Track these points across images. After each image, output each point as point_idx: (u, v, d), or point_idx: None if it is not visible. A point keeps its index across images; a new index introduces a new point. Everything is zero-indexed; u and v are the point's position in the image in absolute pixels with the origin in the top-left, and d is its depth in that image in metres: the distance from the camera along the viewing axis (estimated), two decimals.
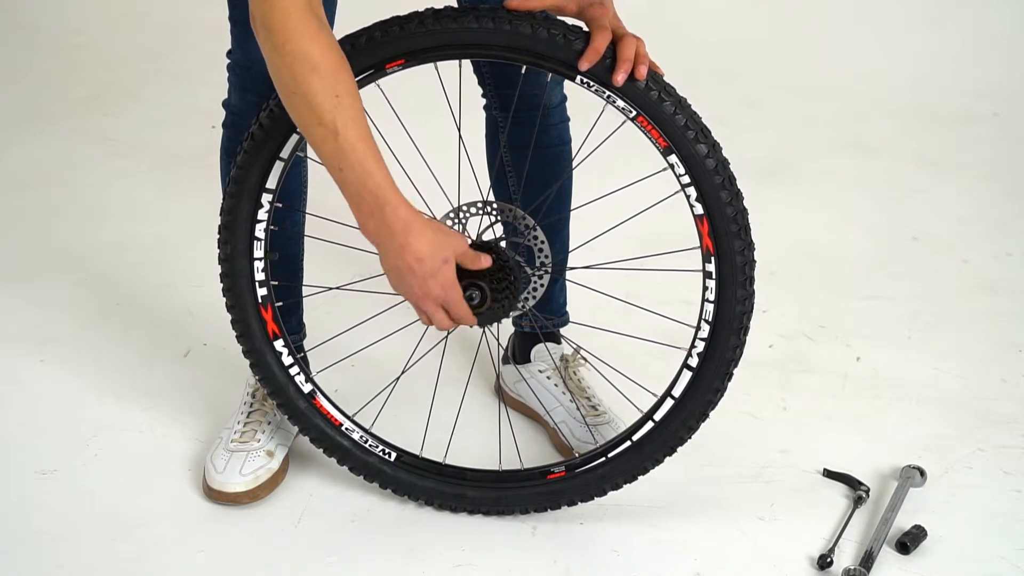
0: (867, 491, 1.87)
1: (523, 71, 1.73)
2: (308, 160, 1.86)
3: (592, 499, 1.81)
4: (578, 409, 1.98)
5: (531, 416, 2.06)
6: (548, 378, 2.04)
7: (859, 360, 2.28)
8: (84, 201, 2.83)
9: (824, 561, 1.72)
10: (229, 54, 1.79)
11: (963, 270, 2.65)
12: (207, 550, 1.74)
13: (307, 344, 2.00)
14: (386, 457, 1.81)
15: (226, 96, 1.85)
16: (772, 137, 3.35)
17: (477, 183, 1.77)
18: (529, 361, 2.07)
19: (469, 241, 1.62)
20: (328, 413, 1.81)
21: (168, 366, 2.19)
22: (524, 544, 1.77)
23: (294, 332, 1.96)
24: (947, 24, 3.95)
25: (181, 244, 2.62)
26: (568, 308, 2.11)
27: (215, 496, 1.82)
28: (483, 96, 1.91)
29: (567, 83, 1.77)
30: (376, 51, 1.60)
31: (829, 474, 1.93)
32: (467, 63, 1.83)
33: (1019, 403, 2.15)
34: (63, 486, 1.87)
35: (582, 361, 2.07)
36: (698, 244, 1.66)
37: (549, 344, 2.07)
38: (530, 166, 1.90)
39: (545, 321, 2.05)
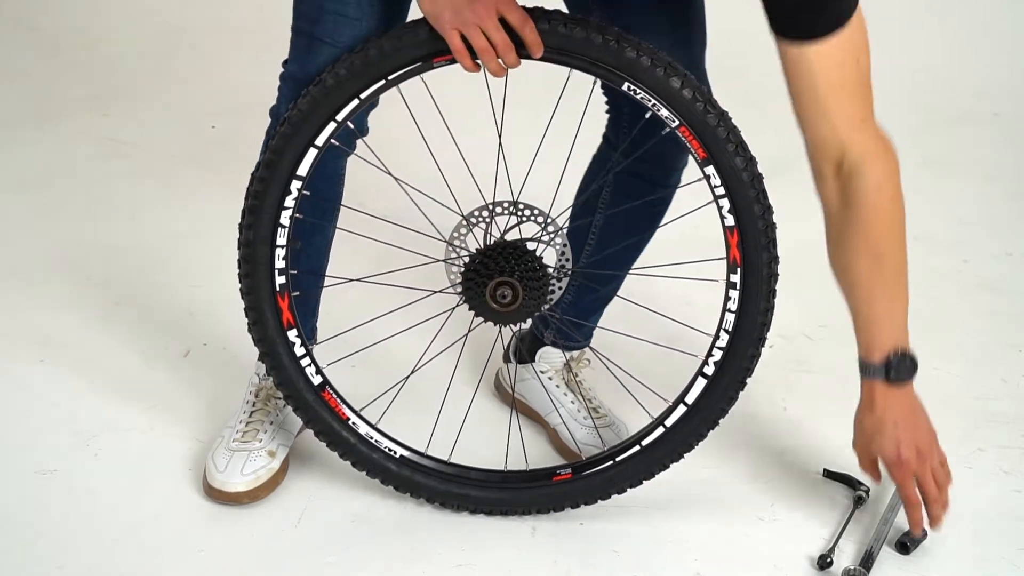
0: (867, 491, 1.87)
1: (647, 116, 1.70)
2: (345, 174, 1.85)
3: (596, 502, 1.81)
4: (579, 411, 1.98)
5: (531, 416, 2.06)
6: (550, 379, 2.04)
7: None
8: (84, 201, 2.83)
9: (824, 561, 1.72)
10: (285, 64, 1.73)
11: (963, 270, 2.65)
12: (207, 550, 1.74)
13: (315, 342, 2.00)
14: (391, 454, 1.81)
15: (275, 104, 1.76)
16: (772, 137, 3.33)
17: (509, 182, 1.76)
18: (533, 361, 2.07)
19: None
20: (337, 406, 1.79)
21: (168, 366, 2.18)
22: (524, 544, 1.77)
23: (307, 338, 1.95)
24: (947, 24, 3.95)
25: (181, 244, 2.62)
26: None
27: (215, 495, 1.82)
28: (607, 127, 1.87)
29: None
30: (426, 44, 1.59)
31: (829, 474, 1.93)
32: (602, 102, 1.82)
33: (1019, 403, 2.15)
34: (63, 486, 1.87)
35: (585, 363, 2.06)
36: (724, 255, 1.67)
37: (556, 348, 2.06)
38: (623, 213, 1.87)
39: (573, 335, 2.03)
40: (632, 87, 1.59)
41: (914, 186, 3.06)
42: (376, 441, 1.81)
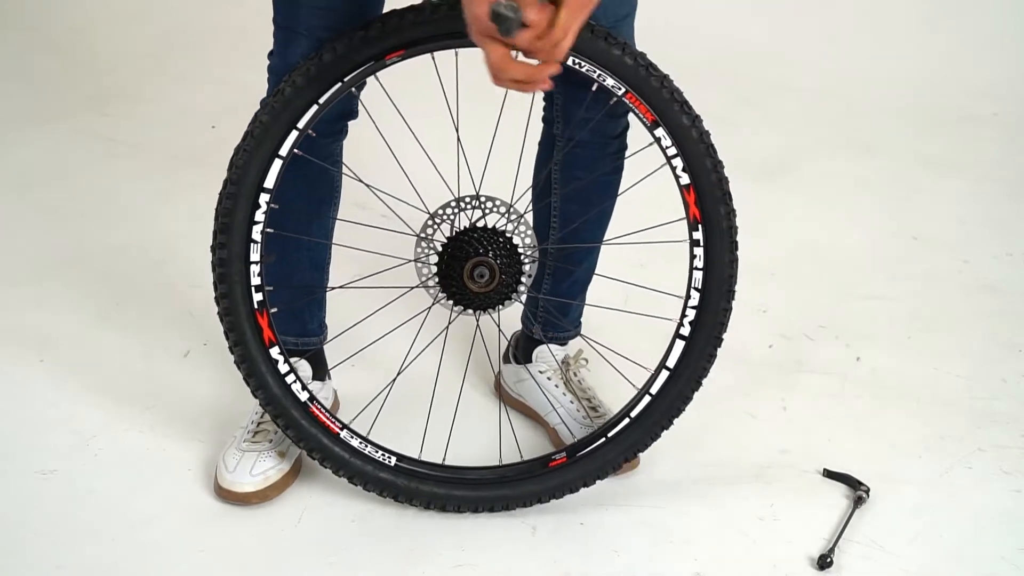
0: (867, 491, 1.87)
1: (593, 88, 1.71)
2: (343, 165, 1.86)
3: (595, 482, 1.82)
4: (578, 410, 1.99)
5: (531, 416, 2.06)
6: (549, 379, 2.04)
7: (859, 360, 2.28)
8: (84, 201, 2.83)
9: (824, 561, 1.72)
10: (269, 55, 1.76)
11: (963, 270, 2.65)
12: (207, 550, 1.74)
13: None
14: (385, 462, 1.80)
15: (265, 96, 1.78)
16: (772, 137, 3.34)
17: (471, 176, 1.78)
18: (531, 361, 2.07)
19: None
20: (325, 422, 1.78)
21: (168, 366, 2.19)
22: (524, 544, 1.77)
23: (315, 334, 1.97)
24: (947, 24, 3.95)
25: (181, 244, 2.62)
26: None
27: (224, 495, 1.82)
28: (544, 110, 1.89)
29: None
30: (377, 42, 1.61)
31: (829, 474, 1.93)
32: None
33: (1019, 403, 2.15)
34: (63, 486, 1.87)
35: (583, 362, 2.07)
36: (683, 215, 1.72)
37: (553, 346, 2.07)
38: (578, 188, 1.89)
39: (560, 324, 2.04)
40: (577, 60, 1.63)
41: (914, 186, 3.11)
42: (370, 452, 1.80)
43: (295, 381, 1.77)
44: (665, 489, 1.88)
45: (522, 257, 1.72)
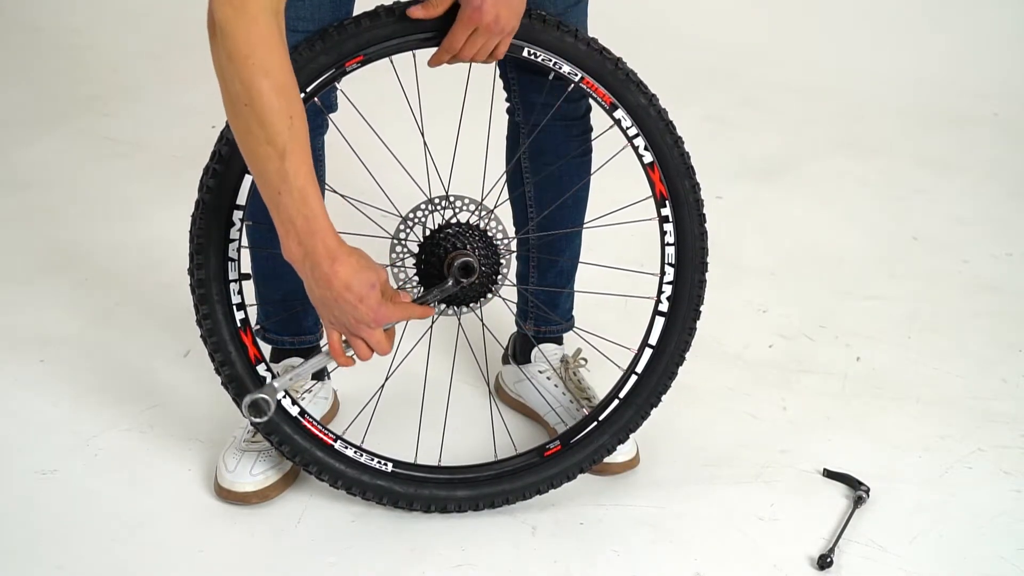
0: (867, 491, 1.87)
1: (551, 78, 1.75)
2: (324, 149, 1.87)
3: (591, 467, 1.83)
4: (578, 410, 1.99)
5: (531, 416, 2.07)
6: (548, 379, 2.04)
7: (859, 360, 2.28)
8: (84, 201, 2.83)
9: (824, 561, 1.72)
10: None
11: (963, 270, 2.65)
12: (207, 550, 1.74)
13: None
14: (382, 469, 1.79)
15: None
16: (772, 137, 3.34)
17: (439, 175, 1.78)
18: (529, 362, 2.07)
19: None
20: (318, 434, 1.77)
21: (168, 366, 2.19)
22: (524, 544, 1.77)
23: (311, 332, 1.97)
24: (947, 24, 3.95)
25: (181, 244, 2.59)
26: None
27: (225, 495, 1.82)
28: (507, 100, 1.91)
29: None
30: (335, 49, 1.63)
31: (829, 474, 1.93)
32: (494, 67, 1.86)
33: (1019, 403, 2.15)
34: (63, 486, 1.87)
35: (582, 362, 2.07)
36: (650, 194, 1.74)
37: (550, 345, 2.07)
38: (549, 175, 1.91)
39: (551, 318, 2.05)
40: (531, 51, 1.66)
41: (914, 186, 3.11)
42: (365, 460, 1.79)
43: (285, 396, 1.76)
44: (665, 489, 1.88)
45: (499, 248, 1.72)
